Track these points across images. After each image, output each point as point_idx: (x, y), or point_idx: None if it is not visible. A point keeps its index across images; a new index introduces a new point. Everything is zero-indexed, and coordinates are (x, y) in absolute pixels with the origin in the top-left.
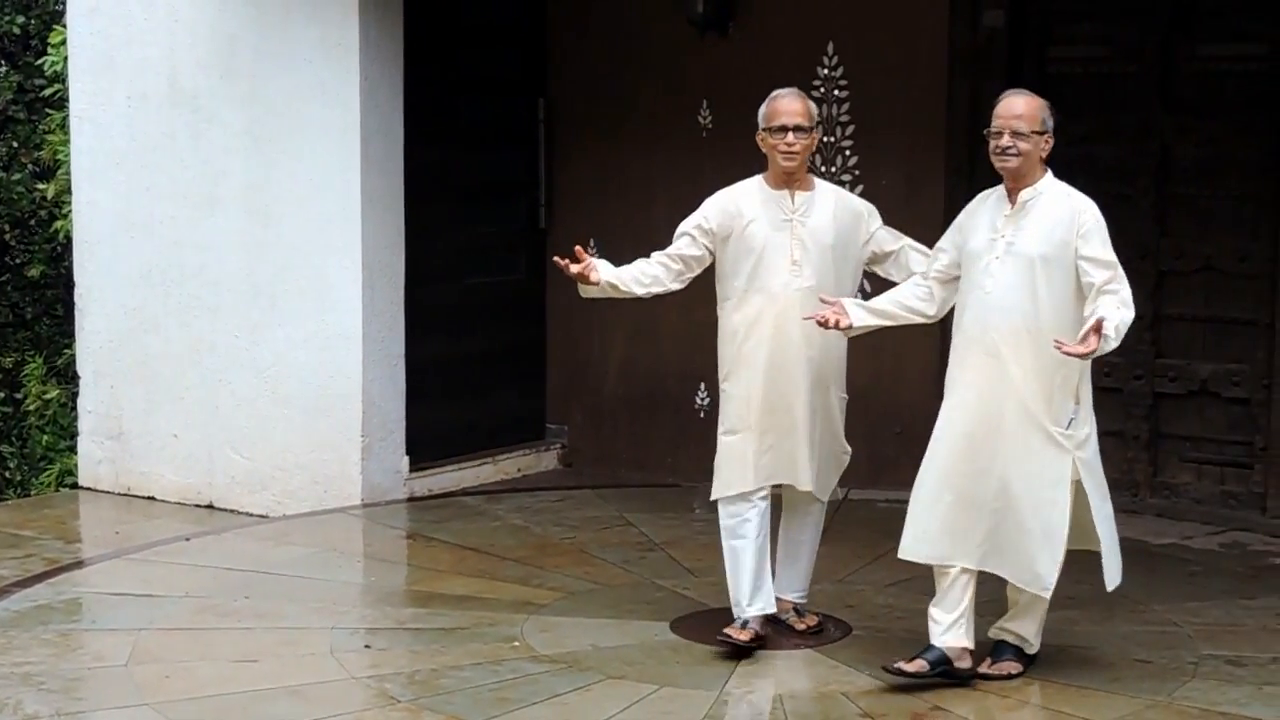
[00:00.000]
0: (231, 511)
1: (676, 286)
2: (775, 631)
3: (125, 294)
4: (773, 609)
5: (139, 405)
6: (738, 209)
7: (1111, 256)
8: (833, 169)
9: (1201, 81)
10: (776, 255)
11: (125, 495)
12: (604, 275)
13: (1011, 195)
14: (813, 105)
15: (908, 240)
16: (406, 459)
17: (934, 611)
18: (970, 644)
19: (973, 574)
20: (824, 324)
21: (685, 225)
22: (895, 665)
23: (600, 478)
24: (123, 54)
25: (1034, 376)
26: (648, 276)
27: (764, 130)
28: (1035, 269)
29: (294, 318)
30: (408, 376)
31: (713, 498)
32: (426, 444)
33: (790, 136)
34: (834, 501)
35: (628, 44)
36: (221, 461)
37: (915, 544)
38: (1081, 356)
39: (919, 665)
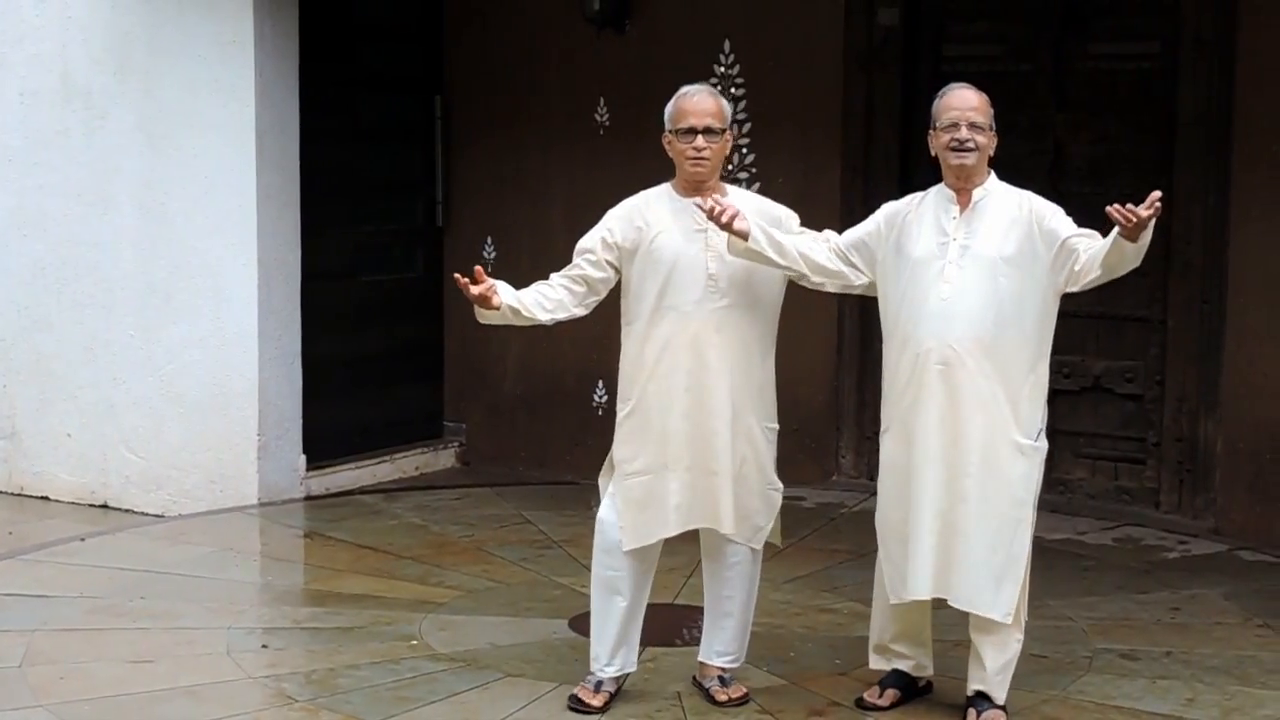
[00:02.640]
0: (127, 511)
1: (581, 312)
2: (682, 634)
3: (18, 292)
4: (632, 668)
5: (32, 404)
6: (644, 219)
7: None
8: (730, 166)
9: (1094, 80)
10: (690, 270)
11: (19, 495)
12: (505, 299)
13: (960, 195)
14: (726, 104)
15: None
16: (303, 458)
17: (897, 647)
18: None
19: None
20: (715, 218)
21: (586, 241)
22: (869, 701)
23: (498, 476)
24: (14, 51)
25: (1000, 385)
26: (550, 301)
27: (670, 133)
28: (997, 271)
29: (189, 316)
30: (304, 375)
31: (626, 548)
32: (323, 442)
33: (700, 140)
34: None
35: (525, 41)
36: (116, 461)
37: (914, 582)
38: (1143, 221)
39: (892, 695)
